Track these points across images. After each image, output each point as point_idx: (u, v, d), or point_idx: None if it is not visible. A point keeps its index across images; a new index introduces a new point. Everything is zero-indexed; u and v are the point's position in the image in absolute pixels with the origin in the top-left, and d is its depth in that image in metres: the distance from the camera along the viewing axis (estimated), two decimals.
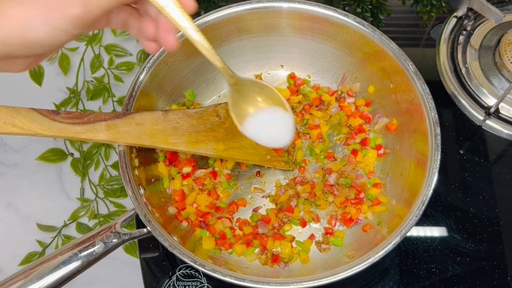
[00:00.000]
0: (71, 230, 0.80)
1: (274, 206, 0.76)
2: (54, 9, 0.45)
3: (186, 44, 0.73)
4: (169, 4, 0.49)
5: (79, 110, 0.88)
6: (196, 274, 0.68)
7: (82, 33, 0.49)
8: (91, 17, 0.47)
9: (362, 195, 0.74)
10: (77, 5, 0.45)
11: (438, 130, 0.67)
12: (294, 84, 0.83)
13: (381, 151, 0.78)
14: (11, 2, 0.45)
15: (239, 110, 0.63)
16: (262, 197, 0.77)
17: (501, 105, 0.83)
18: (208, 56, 0.55)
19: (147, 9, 0.53)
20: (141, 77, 0.71)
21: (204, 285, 0.67)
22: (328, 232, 0.73)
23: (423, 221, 0.76)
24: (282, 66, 0.85)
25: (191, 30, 0.52)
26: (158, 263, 0.73)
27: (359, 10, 0.97)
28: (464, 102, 0.84)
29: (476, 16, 0.90)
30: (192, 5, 0.51)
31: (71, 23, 0.46)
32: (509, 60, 0.82)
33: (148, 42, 0.55)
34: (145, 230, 0.63)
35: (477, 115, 0.83)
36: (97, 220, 0.80)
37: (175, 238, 0.65)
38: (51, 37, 0.46)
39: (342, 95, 0.82)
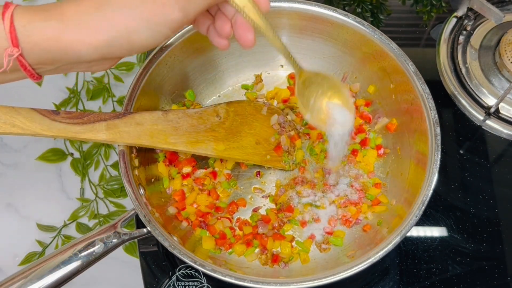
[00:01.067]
0: (71, 230, 0.80)
1: (274, 206, 0.76)
2: (156, 14, 0.48)
3: (186, 43, 0.74)
4: (247, 4, 0.52)
5: (79, 110, 0.88)
6: (196, 274, 0.68)
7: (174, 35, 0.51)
8: (187, 21, 0.50)
9: (362, 195, 0.74)
10: (177, 10, 0.48)
11: (438, 130, 0.67)
12: (294, 84, 0.83)
13: (381, 151, 0.78)
14: (114, 7, 0.47)
15: (304, 100, 0.65)
16: (262, 197, 0.77)
17: (501, 105, 0.83)
18: (281, 52, 0.57)
19: (223, 9, 0.55)
20: (141, 77, 0.71)
21: (204, 285, 0.67)
22: (328, 232, 0.73)
23: (423, 221, 0.76)
24: (282, 66, 0.85)
25: (267, 29, 0.54)
26: (158, 263, 0.73)
27: (359, 10, 0.97)
28: (464, 102, 0.84)
29: (476, 16, 0.90)
30: (267, 5, 0.53)
31: (171, 27, 0.49)
32: (509, 60, 0.82)
33: (220, 39, 0.57)
34: (145, 230, 0.63)
35: (477, 115, 0.83)
36: (97, 220, 0.80)
37: (175, 238, 0.65)
38: (152, 39, 0.49)
39: None
